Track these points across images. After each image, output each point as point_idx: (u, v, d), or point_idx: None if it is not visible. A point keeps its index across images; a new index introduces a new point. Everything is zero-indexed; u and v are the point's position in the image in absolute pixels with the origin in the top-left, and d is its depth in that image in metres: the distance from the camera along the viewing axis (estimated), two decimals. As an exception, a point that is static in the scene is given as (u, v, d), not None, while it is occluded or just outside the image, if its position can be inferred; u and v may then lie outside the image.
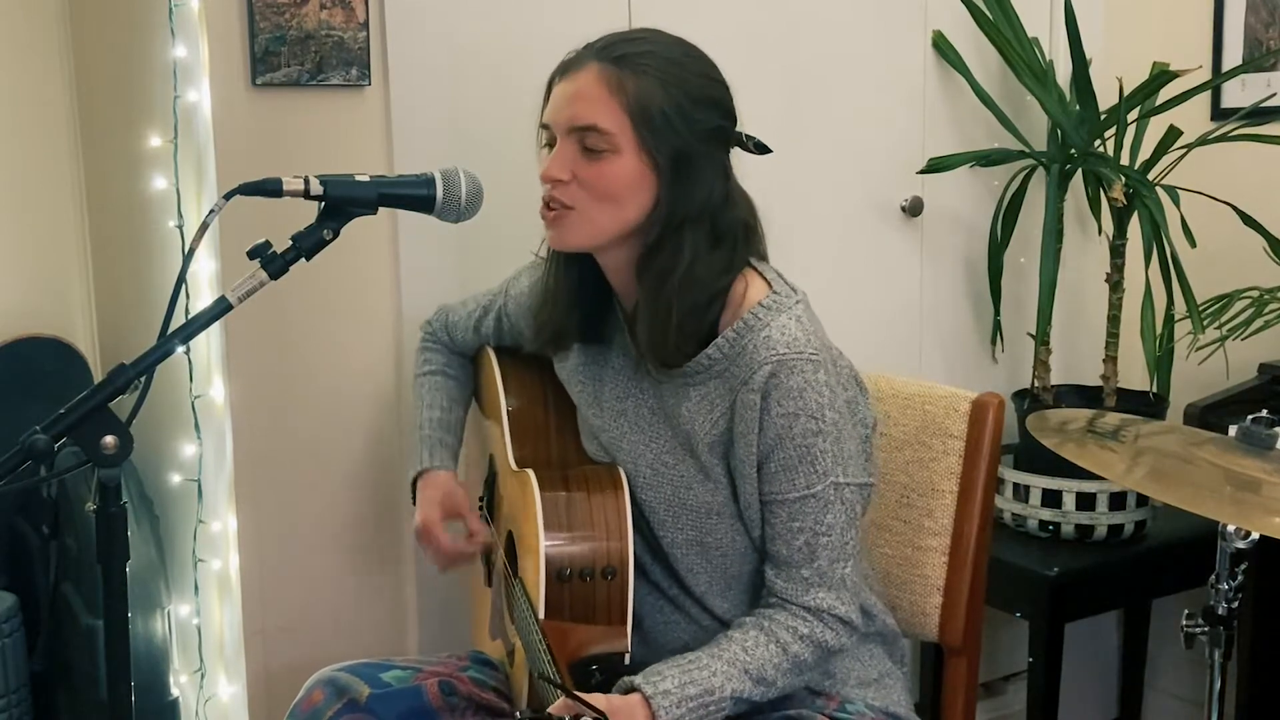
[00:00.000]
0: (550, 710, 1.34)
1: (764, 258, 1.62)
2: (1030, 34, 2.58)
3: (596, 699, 1.37)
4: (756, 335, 1.51)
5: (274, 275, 1.37)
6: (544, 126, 1.58)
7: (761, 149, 1.59)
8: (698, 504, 1.58)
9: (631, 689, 1.43)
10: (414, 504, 1.86)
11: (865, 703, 1.63)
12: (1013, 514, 2.52)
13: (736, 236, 1.56)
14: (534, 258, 1.74)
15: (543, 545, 1.54)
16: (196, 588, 2.23)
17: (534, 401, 1.78)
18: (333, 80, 2.02)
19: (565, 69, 1.56)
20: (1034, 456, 2.45)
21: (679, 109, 1.51)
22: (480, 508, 1.93)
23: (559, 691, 1.34)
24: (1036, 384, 2.55)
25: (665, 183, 1.52)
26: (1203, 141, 2.49)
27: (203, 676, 2.21)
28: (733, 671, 1.46)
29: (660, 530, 1.60)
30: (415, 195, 1.47)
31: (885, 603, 1.73)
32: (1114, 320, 2.53)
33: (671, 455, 1.59)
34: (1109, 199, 2.44)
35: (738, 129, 1.59)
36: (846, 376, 1.57)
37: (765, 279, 1.58)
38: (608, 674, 1.51)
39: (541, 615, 1.52)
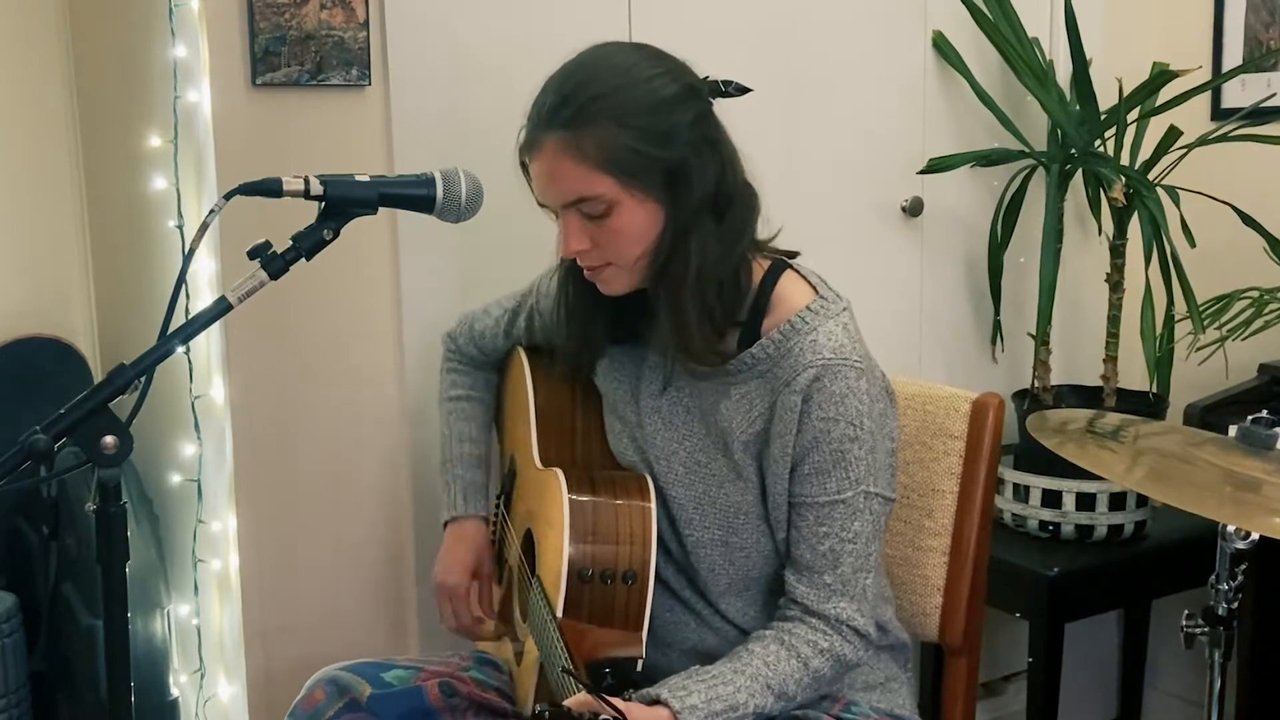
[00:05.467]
0: (568, 704, 1.34)
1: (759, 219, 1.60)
2: (1030, 34, 2.58)
3: (617, 703, 1.36)
4: (803, 339, 1.52)
5: (274, 275, 1.36)
6: (541, 205, 1.57)
7: (741, 90, 1.57)
8: (727, 503, 1.58)
9: (655, 700, 1.42)
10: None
11: (870, 705, 1.63)
12: (1013, 514, 2.52)
13: (738, 197, 1.54)
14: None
15: (567, 543, 1.54)
16: (196, 588, 2.23)
17: (562, 402, 1.78)
18: (333, 80, 2.02)
19: (529, 147, 1.52)
20: (1034, 456, 2.45)
21: (645, 135, 1.47)
22: (497, 505, 1.93)
23: (579, 687, 1.34)
24: (1036, 384, 2.55)
25: (670, 202, 1.51)
26: (1203, 141, 2.49)
27: (203, 676, 2.21)
28: (756, 687, 1.46)
29: (686, 529, 1.61)
30: (415, 195, 1.47)
31: (899, 617, 1.73)
32: (1114, 320, 2.53)
33: (704, 454, 1.59)
34: (1109, 199, 2.44)
35: (708, 82, 1.55)
36: (880, 388, 1.57)
37: (810, 283, 1.59)
38: (619, 678, 1.51)
39: (560, 614, 1.52)
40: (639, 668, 1.54)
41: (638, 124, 1.47)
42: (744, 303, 1.57)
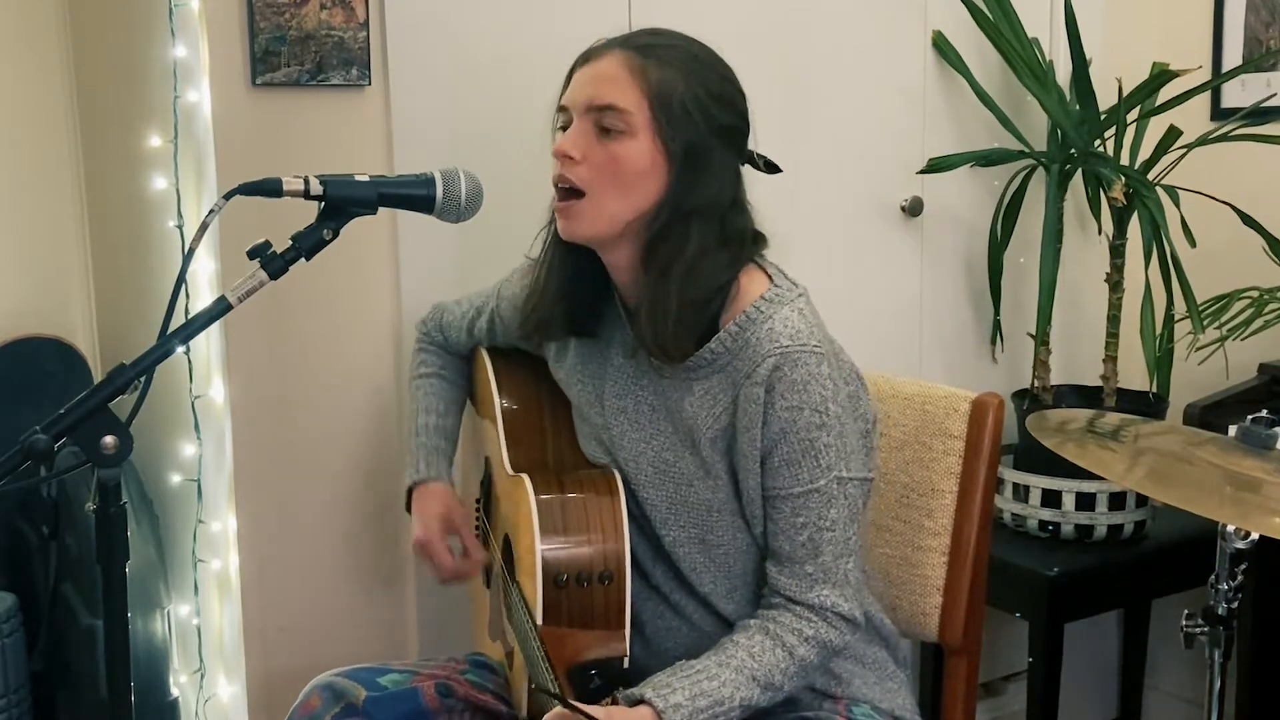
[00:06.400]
0: (546, 719, 1.34)
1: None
2: (1030, 34, 2.58)
3: (595, 710, 1.36)
4: (759, 328, 1.51)
5: (274, 275, 1.37)
6: (561, 109, 1.58)
7: (771, 168, 1.60)
8: (699, 501, 1.57)
9: (639, 700, 1.42)
10: (408, 511, 1.86)
11: (872, 705, 1.63)
12: (1013, 514, 2.52)
13: (744, 239, 1.56)
14: (527, 260, 1.73)
15: (539, 551, 1.53)
16: (196, 588, 2.23)
17: (529, 404, 1.78)
18: (333, 80, 2.02)
19: (588, 56, 1.57)
20: (1034, 456, 2.45)
21: (697, 101, 1.52)
22: (476, 509, 1.93)
23: (556, 701, 1.34)
24: (1036, 384, 2.56)
25: (676, 172, 1.52)
26: (1202, 141, 2.49)
27: (203, 676, 2.21)
28: (740, 680, 1.46)
29: (662, 529, 1.60)
30: (415, 195, 1.47)
31: (883, 604, 1.72)
32: (1114, 320, 2.53)
33: (672, 453, 1.59)
34: (1109, 199, 2.44)
35: (749, 145, 1.59)
36: (848, 371, 1.57)
37: (766, 273, 1.58)
38: (606, 679, 1.50)
39: (539, 621, 1.51)
40: (626, 665, 1.53)
41: (696, 91, 1.52)
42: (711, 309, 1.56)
